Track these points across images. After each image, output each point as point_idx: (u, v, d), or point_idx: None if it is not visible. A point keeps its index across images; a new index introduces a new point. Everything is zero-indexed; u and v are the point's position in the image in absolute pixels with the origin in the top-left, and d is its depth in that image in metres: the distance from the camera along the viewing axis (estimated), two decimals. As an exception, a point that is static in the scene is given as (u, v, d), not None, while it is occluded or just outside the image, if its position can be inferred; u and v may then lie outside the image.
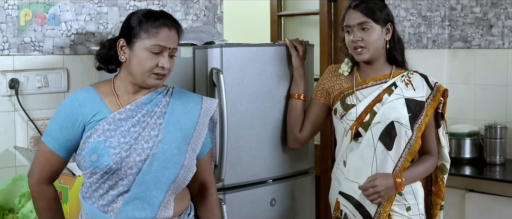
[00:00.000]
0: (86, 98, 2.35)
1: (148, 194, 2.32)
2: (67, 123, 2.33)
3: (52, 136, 2.34)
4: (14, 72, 3.10)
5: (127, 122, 2.33)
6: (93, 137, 2.31)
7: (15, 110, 3.11)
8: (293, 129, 3.03)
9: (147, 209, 2.32)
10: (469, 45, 4.73)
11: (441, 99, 2.90)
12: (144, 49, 2.32)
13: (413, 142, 2.83)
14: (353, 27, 2.82)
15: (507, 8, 4.53)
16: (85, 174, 2.36)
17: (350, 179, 2.87)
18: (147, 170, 2.31)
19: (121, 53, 2.36)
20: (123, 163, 2.28)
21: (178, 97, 2.44)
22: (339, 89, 2.95)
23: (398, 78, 2.89)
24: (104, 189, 2.32)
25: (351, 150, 2.87)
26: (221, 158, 2.82)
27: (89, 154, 2.30)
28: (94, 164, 2.29)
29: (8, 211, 2.90)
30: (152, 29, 2.32)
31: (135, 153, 2.30)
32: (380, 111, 2.83)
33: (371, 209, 2.82)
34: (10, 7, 3.08)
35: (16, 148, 3.09)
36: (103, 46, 2.44)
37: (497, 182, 4.07)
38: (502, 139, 4.35)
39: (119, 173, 2.29)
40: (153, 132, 2.34)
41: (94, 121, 2.33)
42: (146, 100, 2.38)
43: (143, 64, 2.32)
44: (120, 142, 2.30)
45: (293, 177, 3.18)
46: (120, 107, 2.36)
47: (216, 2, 3.73)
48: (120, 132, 2.31)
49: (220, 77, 2.81)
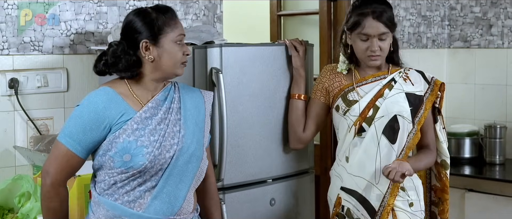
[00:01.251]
0: (110, 100, 2.36)
1: (174, 188, 2.40)
2: (92, 125, 2.33)
3: (73, 138, 2.33)
4: (13, 71, 3.10)
5: (152, 120, 2.38)
6: (122, 137, 2.33)
7: (15, 110, 3.11)
8: (296, 129, 3.04)
9: (173, 203, 2.40)
10: (468, 45, 4.73)
11: (439, 93, 2.96)
12: (172, 42, 2.39)
13: (412, 135, 2.89)
14: (372, 37, 2.84)
15: (507, 7, 4.53)
16: (110, 173, 2.37)
17: (353, 174, 2.90)
18: (174, 165, 2.39)
19: (146, 54, 2.38)
20: (156, 160, 2.35)
21: (185, 92, 2.52)
22: (339, 87, 2.97)
23: (396, 74, 2.95)
24: (132, 186, 2.37)
25: (354, 145, 2.90)
26: (221, 158, 2.82)
27: (120, 155, 2.33)
28: (127, 164, 2.33)
29: (7, 211, 2.90)
30: (171, 22, 2.40)
31: (165, 150, 2.37)
32: (383, 106, 2.88)
33: (375, 203, 2.86)
34: (10, 7, 3.08)
35: (16, 148, 3.09)
36: (117, 56, 2.39)
37: (496, 182, 4.07)
38: (502, 138, 4.35)
39: (151, 170, 2.35)
40: (175, 128, 2.41)
41: (121, 121, 2.35)
42: (162, 97, 2.44)
43: (175, 57, 2.40)
44: (150, 141, 2.35)
45: (293, 177, 3.18)
46: (142, 106, 2.39)
47: (216, 2, 3.73)
48: (149, 131, 2.36)
49: (220, 76, 2.81)
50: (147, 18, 2.39)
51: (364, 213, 2.89)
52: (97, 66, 2.45)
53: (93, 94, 2.38)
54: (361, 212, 2.90)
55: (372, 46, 2.85)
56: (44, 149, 3.07)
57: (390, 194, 2.86)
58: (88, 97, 2.38)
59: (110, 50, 2.42)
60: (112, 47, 2.42)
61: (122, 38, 2.43)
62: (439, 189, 3.07)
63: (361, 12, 2.85)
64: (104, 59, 2.43)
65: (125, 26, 2.43)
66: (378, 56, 2.88)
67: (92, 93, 2.39)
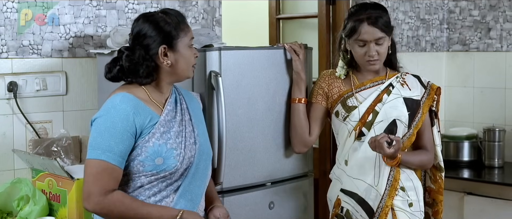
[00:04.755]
0: (135, 106, 2.36)
1: (195, 186, 2.47)
2: (127, 134, 2.33)
3: (112, 151, 2.30)
4: (12, 75, 3.10)
5: (174, 123, 2.44)
6: (151, 141, 2.36)
7: (14, 113, 3.11)
8: (302, 134, 3.04)
9: (194, 200, 2.48)
10: (467, 48, 4.73)
11: (435, 96, 3.00)
12: (186, 46, 2.46)
13: (406, 138, 2.94)
14: (369, 42, 2.87)
15: (506, 11, 4.53)
16: (136, 177, 2.38)
17: (353, 176, 2.94)
18: (196, 164, 2.47)
19: (164, 59, 2.41)
20: (184, 161, 2.41)
21: (184, 93, 2.60)
22: (338, 93, 3.00)
23: (394, 79, 2.99)
24: (160, 187, 2.41)
25: (354, 150, 2.94)
26: (220, 161, 2.82)
27: (152, 158, 2.35)
28: (160, 167, 2.37)
29: (6, 214, 2.90)
30: (184, 26, 2.45)
31: (188, 150, 2.44)
32: (382, 111, 2.92)
33: (374, 204, 2.90)
34: (9, 10, 3.08)
35: (15, 151, 3.09)
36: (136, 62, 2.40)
37: (495, 185, 4.06)
38: (501, 142, 4.35)
39: (180, 171, 2.41)
40: (189, 128, 2.48)
41: (150, 126, 2.37)
42: (173, 99, 2.50)
43: (189, 60, 2.47)
44: (177, 143, 2.41)
45: (292, 180, 3.18)
46: (161, 109, 2.44)
47: (215, 5, 3.73)
48: (174, 133, 2.41)
49: (219, 80, 2.81)
50: (161, 24, 2.41)
51: (363, 214, 2.92)
52: (111, 72, 2.44)
53: (116, 102, 2.36)
54: (360, 213, 2.93)
55: (369, 51, 2.88)
56: (42, 152, 3.07)
57: (388, 196, 2.89)
58: (111, 106, 2.35)
59: (124, 56, 2.41)
60: (124, 53, 2.41)
61: (135, 44, 2.42)
62: (434, 191, 3.11)
63: (357, 18, 2.89)
64: (119, 65, 2.42)
65: (137, 32, 2.43)
66: (377, 61, 2.91)
67: (115, 101, 2.36)
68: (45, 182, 2.90)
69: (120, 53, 2.44)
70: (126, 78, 2.44)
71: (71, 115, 3.26)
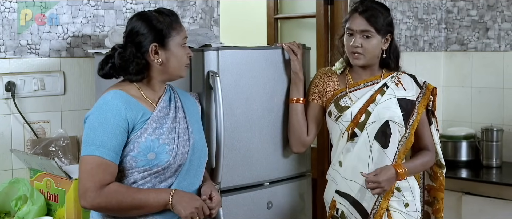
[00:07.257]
0: (127, 102, 2.38)
1: (190, 182, 2.49)
2: (120, 129, 2.33)
3: (106, 147, 2.31)
4: (10, 75, 3.10)
5: (166, 119, 2.44)
6: (143, 136, 2.37)
7: (12, 113, 3.11)
8: (300, 134, 3.04)
9: None
10: (465, 48, 4.74)
11: (431, 97, 2.99)
12: (178, 45, 2.46)
13: (406, 139, 2.91)
14: (355, 32, 2.86)
15: (503, 10, 4.53)
16: (129, 173, 2.38)
17: (347, 178, 2.92)
18: (190, 160, 2.47)
19: (155, 57, 2.42)
20: (177, 157, 2.41)
21: (180, 92, 2.60)
22: (332, 92, 3.00)
23: (388, 79, 2.97)
24: (154, 183, 2.41)
25: (347, 151, 2.92)
26: (218, 161, 2.82)
27: (144, 153, 2.36)
28: (152, 162, 2.37)
29: (4, 214, 2.90)
30: (176, 25, 2.46)
31: (182, 146, 2.44)
32: (375, 111, 2.90)
33: (368, 206, 2.88)
34: (7, 10, 3.08)
35: (12, 151, 3.09)
36: (126, 59, 2.41)
37: (493, 185, 4.07)
38: (499, 141, 4.36)
39: (173, 167, 2.41)
40: (183, 126, 2.49)
41: (142, 121, 2.38)
42: (167, 97, 2.50)
43: (181, 59, 2.47)
44: (170, 138, 2.41)
45: (290, 180, 3.18)
46: (154, 106, 2.44)
47: (213, 5, 3.73)
48: (167, 129, 2.42)
49: (217, 80, 2.81)
50: (153, 22, 2.42)
51: (357, 216, 2.91)
52: (103, 69, 2.46)
53: (108, 98, 2.37)
54: (354, 215, 2.92)
55: (354, 41, 2.87)
56: (40, 152, 3.07)
57: (383, 197, 2.88)
58: (103, 103, 2.37)
59: (116, 53, 2.43)
60: (117, 51, 2.43)
61: (128, 42, 2.44)
62: (434, 189, 3.10)
63: (353, 8, 2.91)
64: (111, 63, 2.43)
65: (130, 30, 2.44)
66: (360, 55, 2.88)
67: (106, 98, 2.38)
68: (43, 182, 2.90)
69: (113, 51, 2.45)
70: (117, 75, 2.46)
71: (69, 115, 3.26)
